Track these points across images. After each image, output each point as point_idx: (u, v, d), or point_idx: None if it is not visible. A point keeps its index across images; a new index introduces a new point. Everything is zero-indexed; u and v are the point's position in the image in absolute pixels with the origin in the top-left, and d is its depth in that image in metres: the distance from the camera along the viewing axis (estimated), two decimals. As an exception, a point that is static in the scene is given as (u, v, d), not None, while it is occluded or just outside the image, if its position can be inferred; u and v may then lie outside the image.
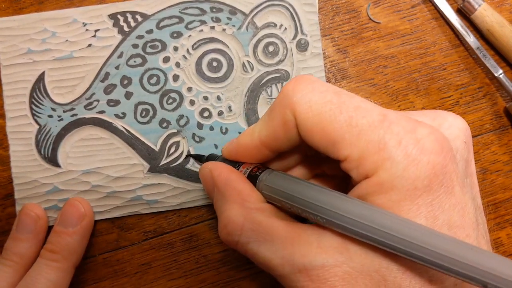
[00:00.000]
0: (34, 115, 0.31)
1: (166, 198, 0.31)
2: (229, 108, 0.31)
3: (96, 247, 0.31)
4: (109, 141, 0.31)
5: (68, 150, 0.31)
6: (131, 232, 0.31)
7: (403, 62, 0.33)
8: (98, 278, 0.31)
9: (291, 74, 0.31)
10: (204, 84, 0.31)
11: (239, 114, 0.31)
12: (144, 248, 0.31)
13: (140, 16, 0.31)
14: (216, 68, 0.31)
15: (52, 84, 0.31)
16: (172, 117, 0.31)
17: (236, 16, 0.31)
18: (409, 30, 0.33)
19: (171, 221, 0.31)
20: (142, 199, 0.31)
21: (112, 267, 0.31)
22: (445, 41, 0.33)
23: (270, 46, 0.31)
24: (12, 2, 0.31)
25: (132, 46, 0.31)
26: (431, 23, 0.33)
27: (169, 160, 0.31)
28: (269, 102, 0.31)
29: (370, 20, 0.33)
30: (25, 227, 0.29)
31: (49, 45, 0.31)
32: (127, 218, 0.31)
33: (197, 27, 0.31)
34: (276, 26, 0.31)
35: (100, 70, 0.31)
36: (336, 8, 0.33)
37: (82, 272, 0.31)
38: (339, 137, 0.18)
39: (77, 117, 0.31)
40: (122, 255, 0.31)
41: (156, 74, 0.31)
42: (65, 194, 0.30)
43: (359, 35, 0.33)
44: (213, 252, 0.31)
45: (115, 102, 0.31)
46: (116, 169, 0.31)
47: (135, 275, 0.31)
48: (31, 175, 0.30)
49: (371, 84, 0.33)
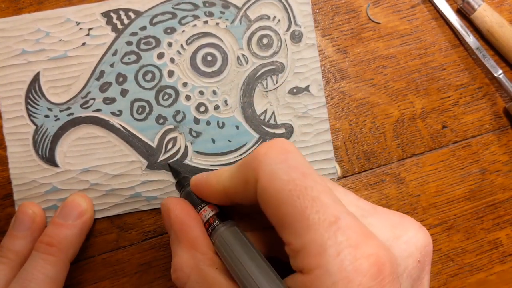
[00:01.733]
0: (30, 116, 0.31)
1: (165, 194, 0.31)
2: (225, 102, 0.31)
3: (95, 247, 0.31)
4: (106, 139, 0.31)
5: (65, 150, 0.31)
6: (131, 232, 0.31)
7: (403, 62, 0.33)
8: (97, 278, 0.31)
9: (286, 66, 0.31)
10: (199, 79, 0.31)
11: (235, 107, 0.31)
12: (144, 248, 0.31)
13: (133, 13, 0.31)
14: (210, 63, 0.31)
15: (47, 84, 0.31)
16: (169, 113, 0.31)
17: (229, 10, 0.31)
18: (408, 30, 0.33)
19: None
20: (142, 196, 0.31)
21: (111, 267, 0.31)
22: (445, 41, 0.33)
23: (264, 38, 0.31)
24: (12, 2, 0.32)
25: (126, 43, 0.31)
26: (431, 23, 0.33)
27: (167, 156, 0.31)
28: (265, 95, 0.31)
29: (369, 20, 0.33)
30: (22, 225, 0.29)
31: (43, 45, 0.31)
32: (126, 218, 0.31)
33: (190, 22, 0.31)
34: (269, 19, 0.31)
35: (95, 68, 0.31)
36: (336, 8, 0.33)
37: (82, 272, 0.31)
38: (288, 222, 0.18)
39: (73, 116, 0.31)
40: (121, 255, 0.31)
41: (151, 71, 0.31)
42: (64, 193, 0.30)
43: (359, 35, 0.33)
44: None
45: (111, 100, 0.31)
46: (114, 166, 0.31)
47: (135, 275, 0.31)
48: (30, 176, 0.30)
49: (371, 84, 0.32)
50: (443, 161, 0.33)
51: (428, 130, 0.33)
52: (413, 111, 0.33)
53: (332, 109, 0.32)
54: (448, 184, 0.33)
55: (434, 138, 0.33)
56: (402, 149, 0.33)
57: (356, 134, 0.32)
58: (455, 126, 0.33)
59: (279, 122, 0.31)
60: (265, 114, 0.31)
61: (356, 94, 0.32)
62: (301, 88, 0.31)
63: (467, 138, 0.33)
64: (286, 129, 0.31)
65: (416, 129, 0.33)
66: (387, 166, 0.32)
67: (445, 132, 0.33)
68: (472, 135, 0.33)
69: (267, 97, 0.31)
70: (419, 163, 0.33)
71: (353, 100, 0.32)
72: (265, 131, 0.31)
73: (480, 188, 0.33)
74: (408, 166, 0.32)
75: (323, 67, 0.32)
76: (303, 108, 0.31)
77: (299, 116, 0.31)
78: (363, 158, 0.32)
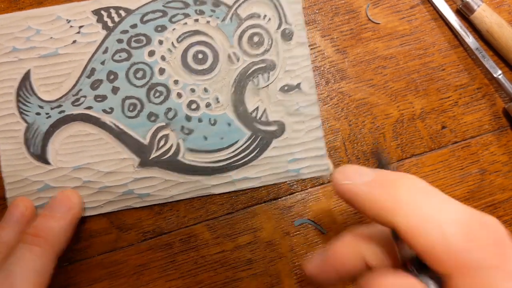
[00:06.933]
0: (21, 113, 0.31)
1: (158, 191, 0.31)
2: (217, 99, 0.31)
3: (94, 247, 0.31)
4: (98, 137, 0.31)
5: (57, 147, 0.31)
6: (130, 233, 0.31)
7: (402, 62, 0.33)
8: (96, 279, 0.31)
9: (277, 64, 0.31)
10: (191, 77, 0.31)
11: (227, 105, 0.31)
12: (143, 249, 0.31)
13: (124, 11, 0.31)
14: (201, 60, 0.31)
15: (38, 81, 0.31)
16: (160, 110, 0.31)
17: (220, 8, 0.31)
18: (408, 31, 0.33)
19: (169, 221, 0.31)
20: (134, 193, 0.31)
21: (110, 268, 0.31)
22: (444, 41, 0.33)
23: (255, 36, 0.31)
24: (11, 2, 0.31)
25: (117, 41, 0.31)
26: (430, 24, 0.33)
27: (159, 153, 0.31)
28: (256, 93, 0.31)
29: (369, 20, 0.33)
30: (11, 217, 0.28)
31: (34, 43, 0.31)
32: (126, 219, 0.31)
33: (181, 20, 0.31)
34: (260, 17, 0.31)
35: (86, 66, 0.31)
36: (336, 9, 0.33)
37: (81, 272, 0.31)
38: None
39: (64, 113, 0.31)
40: (120, 256, 0.31)
41: (142, 68, 0.31)
42: (56, 191, 0.31)
43: (358, 35, 0.33)
44: (211, 252, 0.32)
45: (102, 97, 0.31)
46: (107, 164, 0.31)
47: (133, 276, 0.31)
48: (22, 173, 0.30)
49: (370, 85, 0.33)
50: (443, 161, 0.33)
51: (428, 131, 0.33)
52: (413, 112, 0.33)
53: (332, 109, 0.32)
54: (447, 185, 0.33)
55: (433, 139, 0.33)
56: (401, 150, 0.33)
57: (356, 135, 0.32)
58: (454, 126, 0.33)
59: (271, 119, 0.31)
60: (256, 112, 0.31)
61: (356, 95, 0.33)
62: (292, 86, 0.31)
63: (467, 138, 0.33)
64: (278, 126, 0.31)
65: (415, 129, 0.33)
66: (387, 167, 0.33)
67: (445, 133, 0.33)
68: (471, 136, 0.33)
69: (258, 95, 0.31)
70: (418, 163, 0.33)
71: (353, 100, 0.33)
72: (257, 128, 0.31)
73: (480, 189, 0.33)
74: (408, 167, 0.33)
75: (323, 67, 0.32)
76: (295, 105, 0.31)
77: (290, 113, 0.31)
78: (362, 159, 0.33)
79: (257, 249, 0.32)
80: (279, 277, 0.32)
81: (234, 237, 0.32)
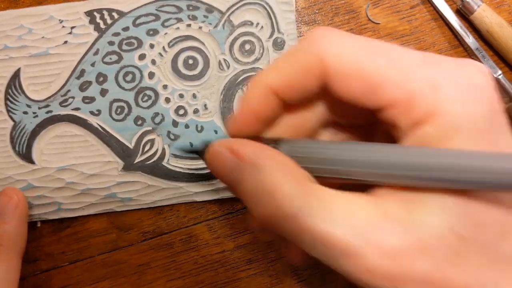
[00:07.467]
0: (9, 112, 0.31)
1: (141, 196, 0.31)
2: (205, 106, 0.31)
3: (94, 247, 0.31)
4: (83, 138, 0.31)
5: (42, 147, 0.31)
6: (130, 233, 0.31)
7: None
8: (96, 279, 0.31)
9: (267, 73, 0.31)
10: (180, 82, 0.31)
11: (214, 112, 0.31)
12: (143, 249, 0.31)
13: (117, 14, 0.31)
14: (192, 66, 0.31)
15: (27, 80, 0.31)
16: (147, 114, 0.31)
17: (213, 14, 0.31)
18: (408, 31, 0.33)
19: (170, 221, 0.31)
20: (116, 197, 0.30)
21: (110, 268, 0.31)
22: (444, 41, 0.33)
23: (247, 44, 0.31)
24: (11, 2, 0.32)
25: (108, 43, 0.31)
26: (430, 24, 0.33)
27: (144, 158, 0.31)
28: (245, 101, 0.31)
29: (369, 20, 0.32)
30: None
31: (25, 42, 0.31)
32: (126, 219, 0.31)
33: (173, 25, 0.31)
34: (252, 25, 0.31)
35: (75, 67, 0.31)
36: (336, 9, 0.33)
37: (81, 273, 0.31)
38: (381, 80, 0.16)
39: (52, 113, 0.31)
40: (120, 256, 0.31)
41: (131, 72, 0.31)
42: (39, 191, 0.30)
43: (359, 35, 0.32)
44: (211, 252, 0.31)
45: (90, 99, 0.31)
46: (91, 166, 0.30)
47: (134, 276, 0.31)
48: (6, 172, 0.30)
49: None
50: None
51: (429, 131, 0.32)
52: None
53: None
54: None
55: (435, 139, 0.32)
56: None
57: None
58: (455, 126, 0.33)
59: (261, 128, 0.31)
60: (245, 120, 0.31)
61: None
62: (284, 95, 0.31)
63: (467, 138, 0.33)
64: (265, 136, 0.31)
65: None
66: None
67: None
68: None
69: (247, 103, 0.31)
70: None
71: (353, 100, 0.32)
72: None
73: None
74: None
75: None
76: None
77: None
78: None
79: (257, 249, 0.31)
80: (279, 277, 0.31)
81: (234, 237, 0.31)
